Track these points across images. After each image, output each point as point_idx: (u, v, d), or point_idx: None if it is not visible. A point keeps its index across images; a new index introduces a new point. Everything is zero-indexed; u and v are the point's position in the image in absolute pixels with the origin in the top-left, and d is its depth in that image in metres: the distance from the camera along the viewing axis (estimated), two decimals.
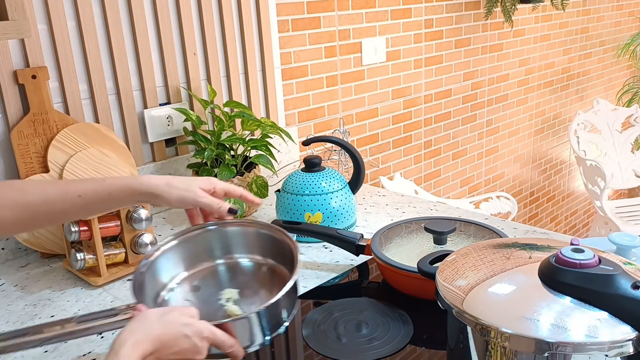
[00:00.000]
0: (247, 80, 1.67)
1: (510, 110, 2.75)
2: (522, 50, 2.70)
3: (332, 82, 1.92)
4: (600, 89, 3.37)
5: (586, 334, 0.63)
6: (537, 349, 0.63)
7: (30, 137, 1.26)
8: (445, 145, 2.44)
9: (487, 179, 2.73)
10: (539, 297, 0.69)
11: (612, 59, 3.37)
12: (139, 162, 1.46)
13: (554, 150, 3.15)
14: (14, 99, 1.25)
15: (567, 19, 2.92)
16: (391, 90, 2.14)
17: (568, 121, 3.16)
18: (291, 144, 1.76)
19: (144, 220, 1.15)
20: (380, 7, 2.01)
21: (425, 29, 2.20)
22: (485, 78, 2.54)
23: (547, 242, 0.83)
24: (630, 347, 0.62)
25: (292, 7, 1.75)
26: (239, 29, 1.62)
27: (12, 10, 0.93)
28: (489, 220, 1.36)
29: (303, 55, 1.81)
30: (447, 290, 0.75)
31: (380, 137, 2.15)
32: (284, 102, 1.78)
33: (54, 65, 1.31)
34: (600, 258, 0.69)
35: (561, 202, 3.37)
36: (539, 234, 1.27)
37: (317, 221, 1.27)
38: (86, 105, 1.37)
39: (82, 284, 1.15)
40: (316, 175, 1.31)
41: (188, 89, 1.54)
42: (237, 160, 1.43)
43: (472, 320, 0.68)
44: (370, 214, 1.45)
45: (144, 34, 1.43)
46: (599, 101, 3.12)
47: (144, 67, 1.44)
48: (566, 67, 3.03)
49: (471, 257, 0.82)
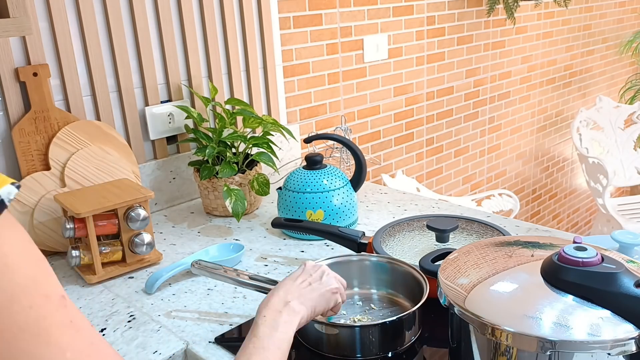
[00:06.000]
0: (249, 78, 1.66)
1: (513, 108, 2.74)
2: (525, 47, 2.69)
3: (333, 79, 1.91)
4: (603, 86, 3.36)
5: (588, 332, 0.63)
6: (540, 347, 0.63)
7: (32, 135, 1.26)
8: (447, 142, 2.44)
9: (489, 176, 2.72)
10: (542, 295, 0.68)
11: (615, 56, 3.36)
12: (140, 159, 1.46)
13: (556, 147, 3.15)
14: (15, 97, 1.25)
15: (570, 16, 2.91)
16: (393, 87, 2.13)
17: (570, 118, 3.16)
18: (293, 141, 1.76)
19: (139, 221, 1.15)
20: (382, 4, 2.00)
21: (427, 26, 2.19)
22: (488, 75, 2.54)
23: (550, 240, 0.83)
24: (632, 345, 0.62)
25: (294, 4, 1.74)
26: (240, 26, 1.62)
27: (13, 7, 0.93)
28: (491, 218, 1.36)
29: (304, 52, 1.81)
30: (449, 288, 0.75)
31: (382, 134, 2.14)
32: (285, 100, 1.78)
33: (55, 62, 1.30)
34: (603, 256, 0.69)
35: (563, 200, 3.36)
36: (541, 231, 1.27)
37: (318, 219, 1.27)
38: (87, 102, 1.37)
39: (83, 281, 1.15)
40: (318, 172, 1.31)
41: (189, 87, 1.54)
42: (239, 158, 1.43)
43: (474, 318, 0.68)
44: (372, 212, 1.45)
45: (145, 31, 1.43)
46: (602, 98, 3.11)
47: (145, 65, 1.44)
48: (568, 64, 3.02)
49: (473, 255, 0.81)
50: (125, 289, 1.12)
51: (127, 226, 1.15)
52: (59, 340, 0.40)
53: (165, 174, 1.51)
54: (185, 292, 1.09)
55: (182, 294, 1.08)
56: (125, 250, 1.17)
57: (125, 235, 1.16)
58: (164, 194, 1.52)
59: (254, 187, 1.39)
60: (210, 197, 1.44)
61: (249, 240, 1.31)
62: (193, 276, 1.14)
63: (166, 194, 1.52)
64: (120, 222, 1.15)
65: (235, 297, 1.06)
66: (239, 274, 0.96)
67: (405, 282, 0.98)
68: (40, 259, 0.42)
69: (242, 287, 0.97)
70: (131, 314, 1.02)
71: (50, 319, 0.40)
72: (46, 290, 0.41)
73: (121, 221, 1.15)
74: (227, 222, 1.42)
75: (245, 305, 1.03)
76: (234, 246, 1.24)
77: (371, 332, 0.85)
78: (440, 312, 0.80)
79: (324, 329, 0.86)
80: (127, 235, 1.16)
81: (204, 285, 1.11)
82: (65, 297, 0.42)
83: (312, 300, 0.80)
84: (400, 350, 0.86)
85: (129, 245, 1.17)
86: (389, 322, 0.84)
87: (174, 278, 1.13)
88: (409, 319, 0.86)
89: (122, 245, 1.17)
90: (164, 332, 0.96)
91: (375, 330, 0.85)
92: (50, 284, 0.41)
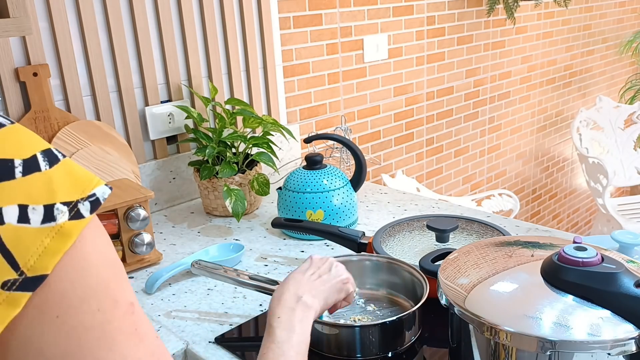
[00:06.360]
0: (249, 78, 1.66)
1: (513, 108, 2.74)
2: (525, 47, 2.69)
3: (333, 79, 1.91)
4: (603, 86, 3.36)
5: (588, 332, 0.63)
6: (540, 347, 0.63)
7: None
8: (447, 142, 2.44)
9: (489, 176, 2.72)
10: (542, 295, 0.68)
11: (615, 56, 3.36)
12: (140, 159, 1.46)
13: (556, 147, 3.14)
14: (15, 97, 1.25)
15: (570, 16, 2.91)
16: (393, 87, 2.13)
17: (570, 118, 3.16)
18: (292, 141, 1.76)
19: (139, 221, 1.15)
20: (382, 4, 2.00)
21: (427, 26, 2.19)
22: (488, 75, 2.54)
23: (550, 240, 0.83)
24: (632, 345, 0.62)
25: (294, 4, 1.74)
26: (240, 26, 1.62)
27: (13, 7, 0.93)
28: (491, 218, 1.36)
29: (304, 52, 1.80)
30: (449, 288, 0.75)
31: (382, 134, 2.14)
32: (285, 100, 1.78)
33: (55, 62, 1.30)
34: (603, 256, 0.69)
35: (563, 200, 3.36)
36: (541, 231, 1.27)
37: (318, 219, 1.27)
38: (87, 102, 1.37)
39: None
40: (318, 172, 1.31)
41: (189, 87, 1.54)
42: (239, 158, 1.43)
43: (474, 318, 0.68)
44: (372, 212, 1.45)
45: (145, 31, 1.43)
46: (602, 98, 3.11)
47: (145, 65, 1.44)
48: (568, 64, 3.02)
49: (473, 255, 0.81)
50: None
51: (127, 226, 1.15)
52: (121, 347, 0.40)
53: (165, 174, 1.51)
54: (185, 292, 1.09)
55: (182, 294, 1.08)
56: (125, 250, 1.17)
57: (125, 235, 1.16)
58: (164, 194, 1.52)
59: (254, 187, 1.39)
60: (210, 197, 1.44)
61: (249, 240, 1.31)
62: (193, 276, 1.14)
63: (166, 194, 1.52)
64: (120, 222, 1.15)
65: (235, 297, 1.06)
66: (239, 274, 0.96)
67: (405, 282, 0.98)
68: (116, 263, 0.42)
69: (242, 287, 0.97)
70: None
71: (115, 324, 0.40)
72: (116, 295, 0.41)
73: (121, 221, 1.15)
74: (227, 222, 1.42)
75: (245, 305, 1.03)
76: (234, 246, 1.24)
77: (371, 332, 0.85)
78: (440, 312, 0.80)
79: (324, 329, 0.86)
80: (127, 235, 1.16)
81: (204, 285, 1.11)
82: (134, 304, 0.42)
83: (323, 293, 0.79)
84: (400, 350, 0.87)
85: (129, 245, 1.17)
86: (389, 322, 0.84)
87: (174, 278, 1.13)
88: (409, 319, 0.86)
89: (122, 245, 1.17)
90: (164, 332, 0.96)
91: (375, 330, 0.85)
92: (121, 289, 0.42)
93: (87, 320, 0.39)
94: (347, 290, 0.84)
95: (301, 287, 0.78)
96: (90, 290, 0.39)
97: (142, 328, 0.42)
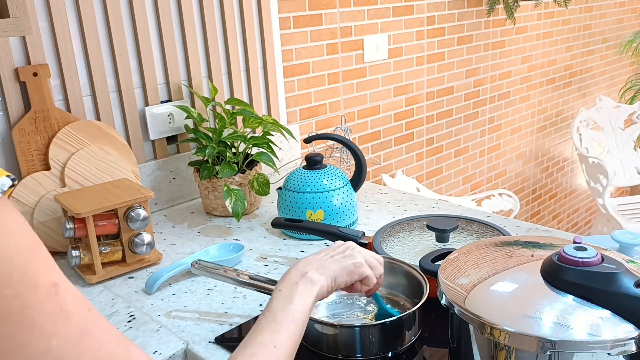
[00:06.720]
0: (249, 78, 1.66)
1: (513, 108, 2.74)
2: (525, 47, 2.69)
3: (333, 79, 1.91)
4: (603, 86, 3.36)
5: (588, 332, 0.63)
6: (540, 347, 0.63)
7: (32, 135, 1.26)
8: (447, 142, 2.44)
9: (489, 176, 2.72)
10: (541, 295, 0.68)
11: (615, 56, 3.36)
12: (140, 159, 1.46)
13: (556, 147, 3.15)
14: (15, 97, 1.25)
15: (570, 16, 2.91)
16: (393, 87, 2.13)
17: (570, 118, 3.16)
18: (293, 141, 1.76)
19: (139, 221, 1.15)
20: (382, 4, 2.00)
21: (427, 26, 2.19)
22: (488, 75, 2.54)
23: (550, 240, 0.83)
24: (632, 345, 0.62)
25: (294, 4, 1.74)
26: (240, 26, 1.62)
27: (13, 7, 0.93)
28: (491, 218, 1.36)
29: (304, 52, 1.80)
30: (449, 288, 0.75)
31: (382, 134, 2.14)
32: (285, 100, 1.78)
33: (55, 62, 1.30)
34: (603, 256, 0.69)
35: (563, 200, 3.36)
36: (541, 231, 1.27)
37: (318, 219, 1.27)
38: (87, 102, 1.37)
39: (83, 281, 1.15)
40: (318, 172, 1.31)
41: (189, 87, 1.54)
42: (239, 158, 1.43)
43: (474, 318, 0.68)
44: (372, 212, 1.45)
45: (145, 31, 1.43)
46: (602, 98, 3.11)
47: (145, 65, 1.44)
48: (568, 64, 3.02)
49: (473, 255, 0.81)
50: (125, 289, 1.12)
51: (127, 226, 1.15)
52: (43, 328, 0.41)
53: (165, 174, 1.51)
54: (185, 292, 1.09)
55: (182, 294, 1.08)
56: (125, 250, 1.17)
57: (125, 235, 1.16)
58: (164, 194, 1.52)
59: (254, 187, 1.39)
60: (210, 197, 1.44)
61: (249, 240, 1.31)
62: (193, 276, 1.14)
63: (166, 194, 1.52)
64: (120, 222, 1.15)
65: (235, 297, 1.06)
66: (239, 274, 0.96)
67: (405, 282, 0.98)
68: (32, 247, 0.42)
69: (242, 287, 0.97)
70: (131, 314, 1.02)
71: (36, 308, 0.41)
72: (35, 279, 0.41)
73: (121, 221, 1.15)
74: (227, 222, 1.42)
75: (245, 305, 1.03)
76: (234, 246, 1.24)
77: (371, 332, 0.85)
78: (440, 312, 0.80)
79: (324, 329, 0.86)
80: (127, 235, 1.16)
81: (204, 285, 1.11)
82: (58, 284, 0.43)
83: (332, 271, 0.78)
84: (400, 350, 0.87)
85: (129, 245, 1.17)
86: (389, 322, 0.84)
87: (174, 278, 1.13)
88: (409, 319, 0.86)
89: (122, 245, 1.17)
90: (164, 332, 0.96)
91: (375, 330, 0.85)
92: (41, 272, 0.42)
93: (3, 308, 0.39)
94: (361, 273, 0.81)
95: (309, 265, 0.77)
96: (4, 279, 0.40)
97: (68, 306, 0.43)
